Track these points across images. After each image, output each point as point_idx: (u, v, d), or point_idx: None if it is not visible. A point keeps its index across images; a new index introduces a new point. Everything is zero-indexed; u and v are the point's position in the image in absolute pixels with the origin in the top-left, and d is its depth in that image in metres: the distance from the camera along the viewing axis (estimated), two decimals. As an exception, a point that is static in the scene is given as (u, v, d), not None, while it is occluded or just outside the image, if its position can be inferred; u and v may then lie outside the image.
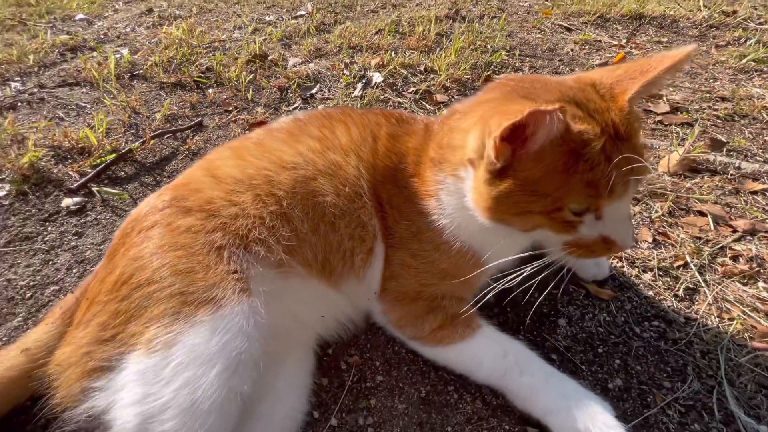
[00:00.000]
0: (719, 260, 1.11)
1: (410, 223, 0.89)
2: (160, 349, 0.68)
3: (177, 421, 0.64)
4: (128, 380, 0.67)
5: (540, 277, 0.77)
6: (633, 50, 2.43)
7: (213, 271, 0.75)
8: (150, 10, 2.97)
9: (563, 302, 1.03)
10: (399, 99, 1.89)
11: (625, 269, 1.10)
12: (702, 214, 1.25)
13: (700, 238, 1.17)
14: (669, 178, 1.40)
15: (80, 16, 2.82)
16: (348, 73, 2.06)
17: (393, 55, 2.18)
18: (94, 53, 2.26)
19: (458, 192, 0.80)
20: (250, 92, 1.90)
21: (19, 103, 1.79)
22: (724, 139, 1.55)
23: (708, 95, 1.88)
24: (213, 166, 0.91)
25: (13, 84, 1.94)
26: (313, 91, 1.98)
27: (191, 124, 1.69)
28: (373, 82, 1.98)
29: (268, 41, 2.44)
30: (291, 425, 0.79)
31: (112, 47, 2.34)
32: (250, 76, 2.02)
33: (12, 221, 1.25)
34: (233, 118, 1.77)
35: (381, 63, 2.12)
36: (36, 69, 2.09)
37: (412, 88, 1.95)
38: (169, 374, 0.66)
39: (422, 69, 2.12)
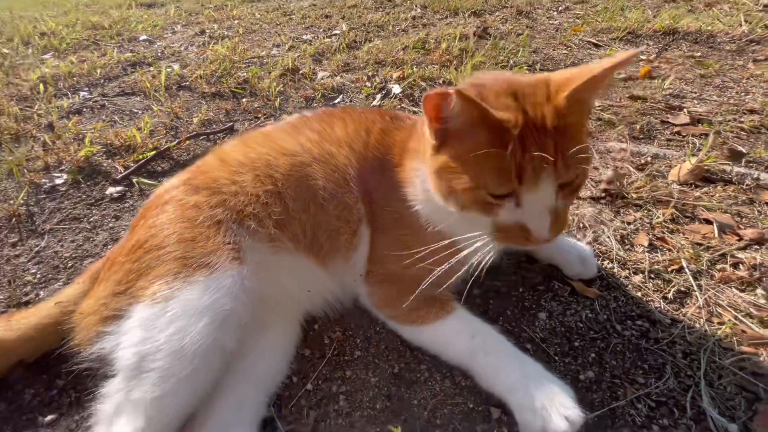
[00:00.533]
0: (718, 266, 1.08)
1: (393, 210, 0.96)
2: (160, 301, 0.79)
3: (166, 361, 0.74)
4: (132, 326, 0.79)
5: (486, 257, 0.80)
6: (662, 64, 2.39)
7: (212, 241, 0.86)
8: (202, 32, 3.31)
9: (547, 298, 1.04)
10: (414, 108, 1.99)
11: (615, 270, 1.09)
12: (708, 222, 1.22)
13: (701, 245, 1.14)
14: (678, 186, 1.37)
15: (143, 37, 3.20)
16: (369, 85, 2.19)
17: (414, 69, 2.29)
18: (151, 68, 2.56)
19: (428, 178, 0.87)
20: (279, 101, 2.07)
21: (84, 109, 2.08)
22: (744, 150, 1.50)
23: (735, 108, 1.81)
24: (223, 152, 1.04)
25: (81, 93, 2.25)
26: (336, 101, 2.12)
27: (223, 128, 1.88)
28: (392, 93, 2.09)
29: (302, 57, 2.64)
30: (269, 383, 0.86)
31: (166, 63, 2.63)
32: (281, 87, 2.20)
33: (65, 204, 1.45)
34: (261, 124, 1.94)
35: (401, 76, 2.23)
36: (102, 81, 2.40)
37: (428, 99, 2.04)
38: (165, 322, 0.77)
39: (441, 81, 2.21)
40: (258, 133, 1.07)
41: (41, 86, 2.22)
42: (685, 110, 1.81)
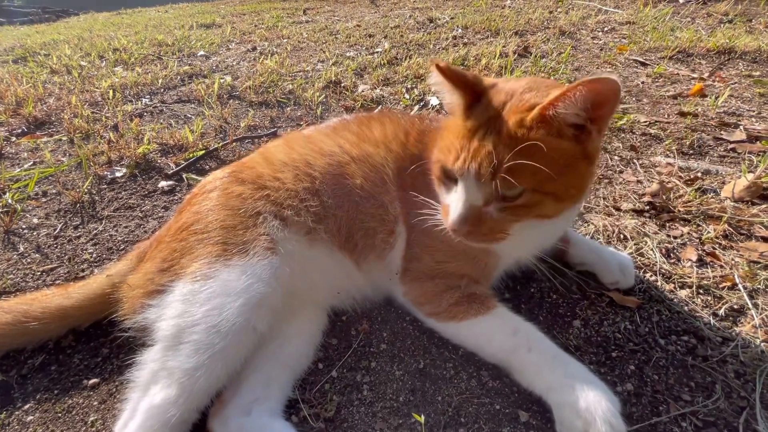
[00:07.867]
0: (778, 286, 0.99)
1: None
2: (200, 279, 0.83)
3: (202, 335, 0.77)
4: (174, 300, 0.83)
5: None
6: (715, 83, 2.28)
7: (251, 231, 0.91)
8: (254, 48, 3.53)
9: (582, 306, 1.00)
10: (452, 120, 2.00)
11: (658, 283, 1.03)
12: (767, 240, 1.13)
13: (758, 263, 1.06)
14: (732, 203, 1.29)
15: (201, 53, 3.46)
16: (408, 96, 2.24)
17: (453, 83, 2.32)
18: (206, 79, 2.76)
19: None
20: (320, 110, 2.16)
21: (145, 113, 2.26)
22: (809, 169, 1.39)
23: (799, 126, 1.69)
24: (267, 152, 1.10)
25: (143, 99, 2.45)
26: (375, 112, 2.18)
27: (267, 132, 1.98)
28: (430, 105, 2.12)
29: (344, 71, 2.75)
30: (295, 366, 0.88)
31: (219, 75, 2.83)
32: (323, 98, 2.30)
33: (122, 194, 1.57)
34: (302, 130, 2.03)
35: (440, 89, 2.27)
36: (162, 90, 2.61)
37: (465, 111, 2.05)
38: (203, 298, 0.81)
39: (479, 95, 2.22)
40: (300, 135, 1.12)
41: (110, 93, 2.45)
42: (741, 127, 1.71)
